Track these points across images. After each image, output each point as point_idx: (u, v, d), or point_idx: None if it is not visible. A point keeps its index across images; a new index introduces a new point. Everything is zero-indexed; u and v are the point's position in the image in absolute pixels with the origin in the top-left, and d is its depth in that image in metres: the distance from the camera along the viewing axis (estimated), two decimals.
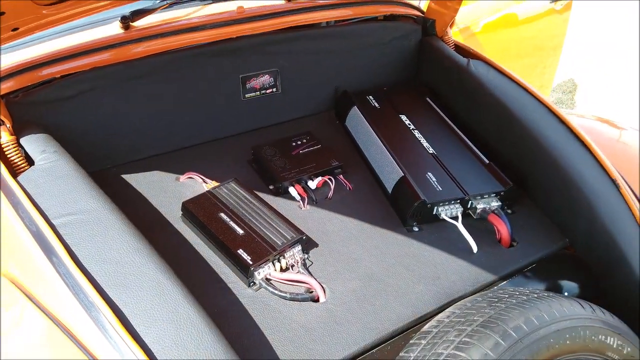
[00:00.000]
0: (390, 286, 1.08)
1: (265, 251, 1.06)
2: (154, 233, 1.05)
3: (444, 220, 1.22)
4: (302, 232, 1.12)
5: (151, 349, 0.78)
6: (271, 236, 1.10)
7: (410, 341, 0.92)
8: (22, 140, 1.12)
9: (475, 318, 0.87)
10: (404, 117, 1.47)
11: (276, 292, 1.03)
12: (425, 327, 0.93)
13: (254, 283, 1.06)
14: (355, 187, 1.34)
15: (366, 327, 0.99)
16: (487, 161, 1.32)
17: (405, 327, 1.01)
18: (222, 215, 1.14)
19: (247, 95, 1.45)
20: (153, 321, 0.80)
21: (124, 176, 1.30)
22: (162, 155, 1.38)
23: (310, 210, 1.26)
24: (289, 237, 1.10)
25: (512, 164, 1.33)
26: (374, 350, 0.97)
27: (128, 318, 0.80)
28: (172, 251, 1.09)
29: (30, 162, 1.09)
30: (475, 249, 1.17)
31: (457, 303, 1.00)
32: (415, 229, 1.22)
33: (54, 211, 0.94)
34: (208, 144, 1.44)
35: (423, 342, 0.88)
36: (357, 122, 1.47)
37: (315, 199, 1.28)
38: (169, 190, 1.27)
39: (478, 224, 1.23)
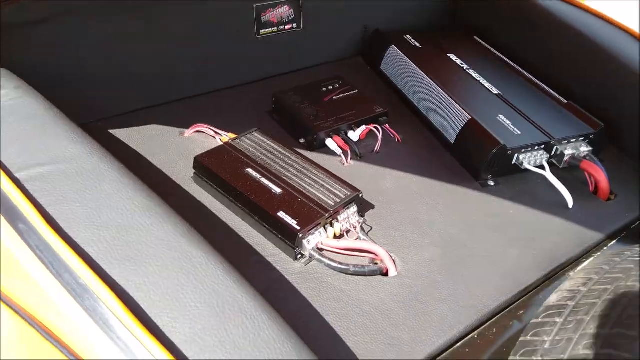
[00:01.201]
0: (477, 252, 0.83)
1: (314, 214, 0.80)
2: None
3: (525, 171, 0.98)
4: (357, 189, 0.86)
5: (182, 350, 0.51)
6: (319, 195, 0.83)
7: (535, 320, 0.67)
8: None
9: (629, 283, 0.63)
10: (453, 57, 1.22)
11: (334, 264, 0.77)
12: (553, 301, 0.68)
13: (303, 255, 0.79)
14: (405, 138, 1.08)
15: (459, 304, 0.74)
16: (564, 100, 1.08)
17: (509, 302, 0.76)
18: (250, 171, 0.87)
19: (262, 32, 1.17)
20: (182, 309, 0.53)
21: (113, 132, 1.01)
22: (160, 107, 1.10)
23: (355, 166, 1.00)
24: (342, 195, 0.84)
25: (593, 105, 1.08)
26: (474, 334, 0.72)
27: (142, 306, 0.53)
28: (186, 219, 0.82)
29: None
30: (570, 203, 0.93)
31: (584, 267, 0.75)
32: (491, 183, 0.97)
33: (19, 162, 0.65)
34: (216, 94, 1.16)
35: (558, 320, 0.63)
36: (397, 63, 1.21)
37: (359, 152, 1.02)
38: (172, 147, 1.00)
39: (565, 174, 0.99)
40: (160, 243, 0.59)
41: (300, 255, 0.79)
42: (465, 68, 1.17)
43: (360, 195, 0.85)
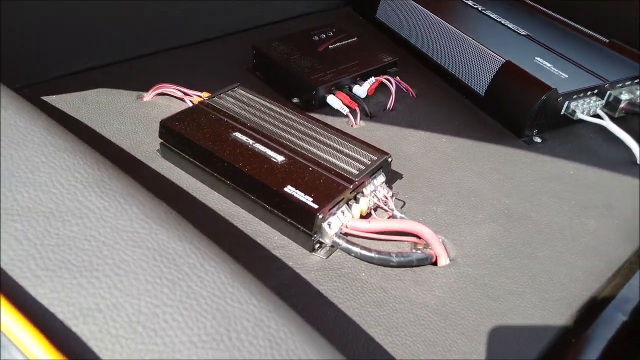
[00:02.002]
0: (546, 227, 0.63)
1: (334, 186, 0.58)
2: None
3: (574, 123, 0.79)
4: (384, 152, 0.64)
5: None
6: (336, 161, 0.62)
7: None
8: None
9: None
10: None
11: (370, 254, 0.55)
12: None
13: (322, 243, 0.57)
14: (419, 92, 0.87)
15: (543, 297, 0.54)
16: (605, 39, 0.90)
17: (603, 289, 0.57)
18: (239, 135, 0.64)
19: None
20: (170, 351, 0.31)
21: (47, 98, 0.76)
22: (111, 66, 0.86)
23: (367, 127, 0.78)
24: (366, 161, 0.62)
25: (635, 42, 0.91)
26: (570, 335, 0.53)
27: (94, 352, 0.30)
28: None
29: None
30: (639, 156, 0.74)
31: None
32: (537, 139, 0.78)
33: None
34: (181, 50, 0.92)
35: None
36: (400, 8, 0.99)
37: (369, 111, 0.80)
38: (128, 114, 0.75)
39: (620, 125, 0.80)
40: (123, 237, 0.36)
41: (318, 245, 0.57)
42: (480, 9, 0.97)
43: (390, 159, 0.64)
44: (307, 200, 0.56)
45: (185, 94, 0.78)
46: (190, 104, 0.76)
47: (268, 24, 1.03)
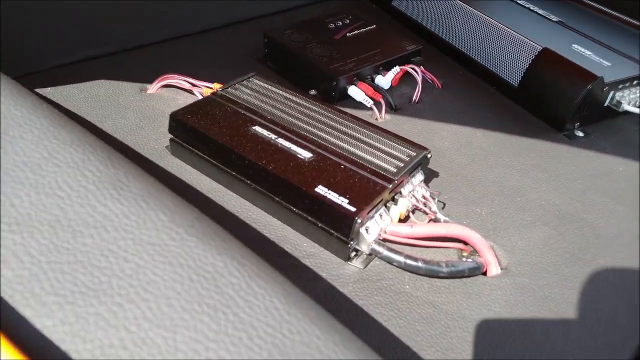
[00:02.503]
0: (604, 229, 0.57)
1: (372, 186, 0.51)
2: None
3: (615, 116, 0.73)
4: (423, 147, 0.58)
5: None
6: (371, 158, 0.55)
7: None
8: None
9: None
10: None
11: (417, 264, 0.49)
12: None
13: (358, 251, 0.51)
14: (445, 83, 0.81)
15: (615, 311, 0.48)
16: (637, 22, 0.84)
17: None
18: (259, 129, 0.57)
19: None
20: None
21: (43, 90, 0.69)
22: (114, 56, 0.78)
23: (392, 121, 0.72)
24: (404, 157, 0.55)
25: None
26: None
27: None
28: None
29: None
30: None
31: None
32: (579, 133, 0.72)
33: None
34: (187, 39, 0.85)
35: None
36: None
37: (394, 103, 0.74)
38: (132, 108, 0.68)
39: None
40: (149, 251, 0.29)
41: (355, 253, 0.51)
42: None
43: (429, 155, 0.57)
44: (343, 202, 0.49)
45: (194, 85, 0.71)
46: (200, 96, 0.69)
47: (277, 12, 0.96)
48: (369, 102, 0.72)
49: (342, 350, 0.26)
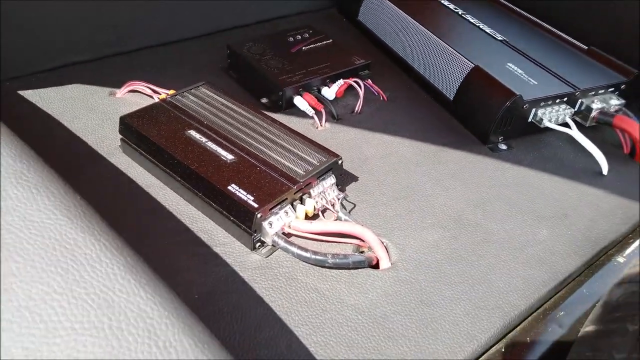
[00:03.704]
0: (495, 234, 0.63)
1: (278, 186, 0.59)
2: (72, 172, 0.57)
3: (543, 131, 0.78)
4: (335, 154, 0.65)
5: None
6: (285, 162, 0.62)
7: (590, 327, 0.47)
8: None
9: None
10: (444, 1, 1.01)
11: (306, 254, 0.56)
12: (615, 298, 0.49)
13: (263, 242, 0.58)
14: (391, 96, 0.87)
15: (478, 305, 0.54)
16: (584, 46, 0.89)
17: (544, 300, 0.57)
18: (193, 133, 0.66)
19: None
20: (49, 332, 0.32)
21: (24, 93, 0.79)
22: (84, 64, 0.88)
23: (332, 129, 0.79)
24: (315, 162, 0.63)
25: (618, 51, 0.89)
26: (501, 346, 0.52)
27: None
28: (107, 201, 0.61)
29: None
30: (605, 168, 0.74)
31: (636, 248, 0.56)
32: (503, 146, 0.78)
33: None
34: (159, 48, 0.94)
35: (632, 327, 0.43)
36: (379, 9, 1.00)
37: (335, 113, 0.81)
38: (98, 109, 0.77)
39: (592, 135, 0.79)
40: (29, 226, 0.37)
41: (259, 244, 0.58)
42: (460, 13, 0.97)
43: (340, 162, 0.64)
44: (248, 199, 0.57)
45: (155, 91, 0.79)
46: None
47: (252, 24, 1.04)
48: (310, 112, 0.79)
49: (158, 308, 0.34)
